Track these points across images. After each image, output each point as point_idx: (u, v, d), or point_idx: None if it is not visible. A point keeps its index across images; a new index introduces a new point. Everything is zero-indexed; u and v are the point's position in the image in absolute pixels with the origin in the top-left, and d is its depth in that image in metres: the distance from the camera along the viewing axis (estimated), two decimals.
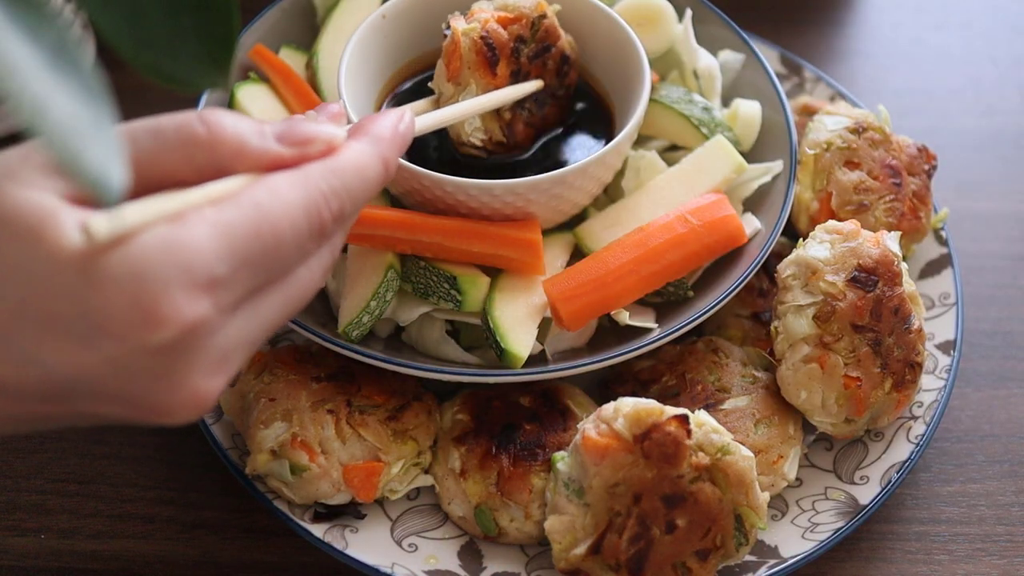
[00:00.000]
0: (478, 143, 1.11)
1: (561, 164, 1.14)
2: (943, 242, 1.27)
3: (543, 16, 1.12)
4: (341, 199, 0.76)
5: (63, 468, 1.16)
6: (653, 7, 1.24)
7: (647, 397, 1.03)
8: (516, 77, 1.11)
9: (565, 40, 1.15)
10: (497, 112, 1.11)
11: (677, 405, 1.05)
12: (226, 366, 0.71)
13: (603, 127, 1.19)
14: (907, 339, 1.10)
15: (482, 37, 1.07)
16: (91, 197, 0.61)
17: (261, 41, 1.24)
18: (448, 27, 1.09)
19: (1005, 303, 1.31)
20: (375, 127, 0.83)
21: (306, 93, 1.20)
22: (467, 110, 1.07)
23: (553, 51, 1.13)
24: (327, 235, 0.77)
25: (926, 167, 1.25)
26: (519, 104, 1.13)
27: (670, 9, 1.24)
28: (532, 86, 1.12)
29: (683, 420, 0.99)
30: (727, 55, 1.28)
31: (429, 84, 1.12)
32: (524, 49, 1.11)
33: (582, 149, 1.17)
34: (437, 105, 1.10)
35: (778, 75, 1.27)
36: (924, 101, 1.52)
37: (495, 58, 1.08)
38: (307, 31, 1.28)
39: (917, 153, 1.25)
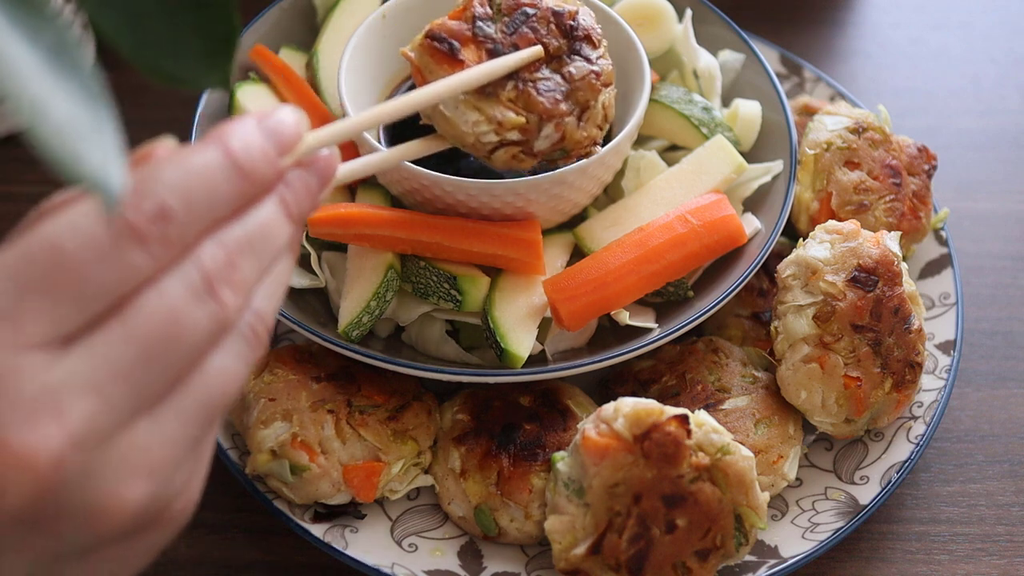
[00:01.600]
0: (494, 139, 0.98)
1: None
2: (943, 242, 1.27)
3: None
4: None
5: None
6: (653, 7, 1.24)
7: (647, 397, 1.02)
8: (496, 55, 0.99)
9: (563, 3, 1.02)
10: (495, 94, 0.98)
11: (677, 405, 1.05)
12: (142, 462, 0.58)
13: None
14: (907, 339, 1.10)
15: (428, 36, 0.99)
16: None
17: (261, 41, 1.24)
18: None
19: (1005, 303, 1.31)
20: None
21: (306, 93, 1.20)
22: (430, 93, 0.91)
23: (538, 13, 1.01)
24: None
25: (926, 167, 1.25)
26: (522, 80, 0.99)
27: (670, 9, 1.24)
28: (524, 54, 0.99)
29: (683, 420, 0.99)
30: (727, 55, 1.28)
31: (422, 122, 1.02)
32: (491, 27, 1.00)
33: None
34: (433, 143, 1.01)
35: (778, 75, 1.27)
36: (924, 101, 1.52)
37: (452, 47, 0.98)
38: (307, 31, 1.28)
39: (917, 153, 1.25)
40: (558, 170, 1.07)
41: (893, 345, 1.09)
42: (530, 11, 1.00)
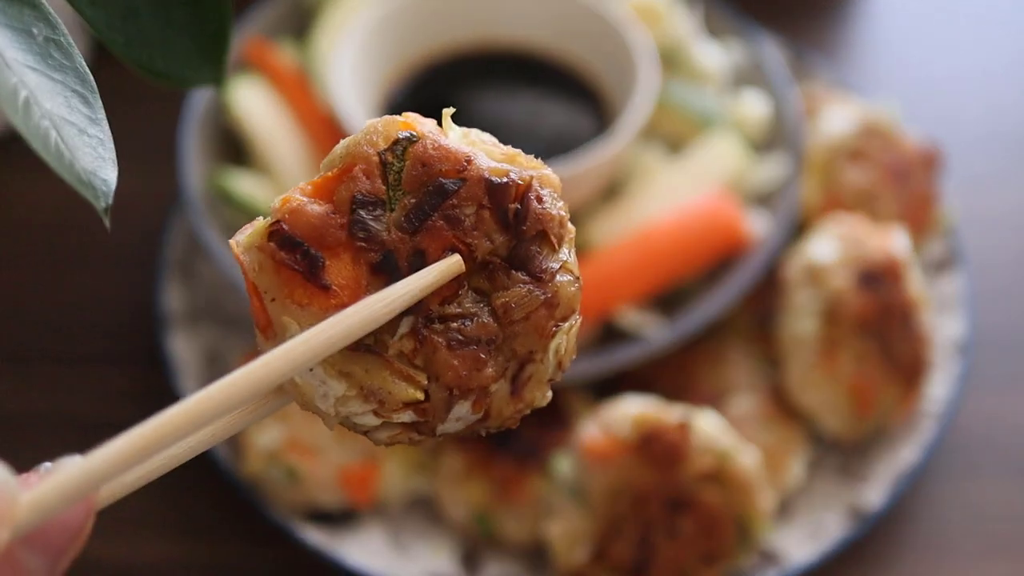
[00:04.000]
0: (372, 422, 0.58)
1: (562, 156, 1.13)
2: (952, 240, 1.25)
3: (408, 139, 0.59)
4: None
5: None
6: (659, 1, 1.23)
7: (649, 398, 1.02)
8: (389, 270, 0.57)
9: (489, 158, 0.60)
10: (379, 347, 0.57)
11: (680, 407, 1.04)
12: None
13: (606, 122, 1.17)
14: (915, 339, 1.09)
15: (272, 234, 0.56)
16: None
17: (256, 35, 1.23)
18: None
19: (1016, 301, 1.30)
20: None
21: (301, 88, 1.19)
22: (267, 371, 0.54)
23: (462, 189, 0.58)
24: None
25: (934, 164, 1.24)
26: (426, 318, 0.58)
27: (677, 2, 1.24)
28: (432, 276, 0.57)
29: (686, 423, 0.98)
30: (734, 48, 1.27)
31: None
32: (380, 220, 0.57)
33: (584, 143, 1.15)
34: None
35: (786, 68, 1.26)
36: (933, 94, 1.51)
37: (312, 262, 0.56)
38: (302, 25, 1.27)
39: (925, 150, 1.24)
40: (560, 165, 1.06)
41: (901, 346, 1.08)
42: (450, 185, 0.58)
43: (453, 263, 0.57)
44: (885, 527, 1.13)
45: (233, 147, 1.21)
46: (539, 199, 0.59)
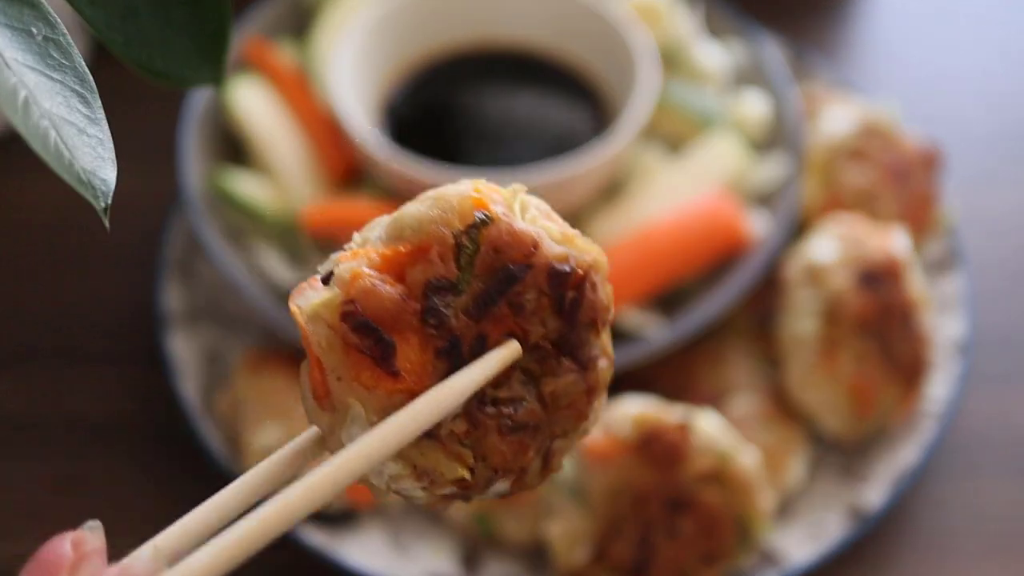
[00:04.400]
0: (418, 494, 0.60)
1: (561, 155, 1.13)
2: (952, 240, 1.25)
3: (482, 222, 0.58)
4: None
5: (52, 475, 1.14)
6: (659, 0, 1.23)
7: (649, 398, 1.01)
8: (453, 355, 0.58)
9: (552, 241, 0.60)
10: (435, 432, 0.58)
11: (680, 407, 1.04)
12: None
13: (606, 122, 1.17)
14: (916, 339, 1.09)
15: (345, 316, 0.56)
16: None
17: (256, 35, 1.23)
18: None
19: (1016, 301, 1.30)
20: None
21: (301, 88, 1.19)
22: (344, 472, 0.55)
23: (529, 275, 0.58)
24: None
25: (934, 164, 1.24)
26: (479, 401, 0.59)
27: (677, 2, 1.24)
28: (493, 364, 0.58)
29: (686, 423, 0.98)
30: (734, 48, 1.27)
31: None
32: (450, 306, 0.58)
33: (584, 143, 1.15)
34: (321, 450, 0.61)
35: (786, 68, 1.26)
36: (933, 94, 1.50)
37: (385, 345, 0.56)
38: (302, 25, 1.27)
39: (925, 150, 1.24)
40: (561, 164, 1.06)
41: (901, 345, 1.08)
42: (518, 272, 0.58)
43: (513, 351, 0.58)
44: (885, 527, 1.12)
45: (233, 147, 1.21)
46: (593, 287, 0.60)
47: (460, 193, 0.58)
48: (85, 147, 0.58)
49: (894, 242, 1.10)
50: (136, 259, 1.26)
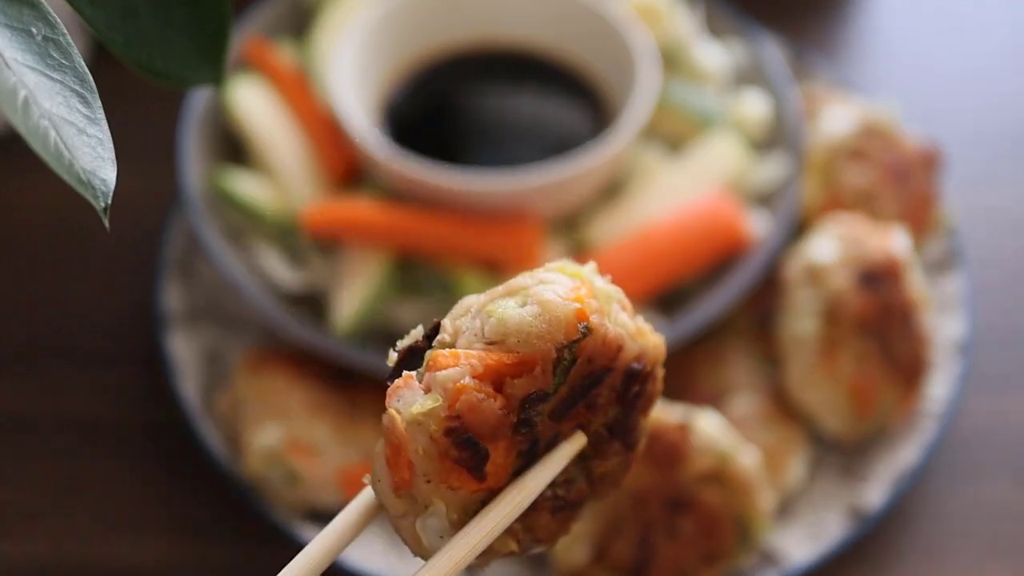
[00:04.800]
0: (473, 564, 0.62)
1: (561, 155, 1.13)
2: (952, 239, 1.25)
3: (583, 335, 0.59)
4: None
5: (53, 474, 1.14)
6: (659, 1, 1.23)
7: None
8: (531, 453, 0.60)
9: (631, 340, 0.61)
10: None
11: (680, 407, 1.04)
12: None
13: (606, 122, 1.17)
14: (916, 339, 1.09)
15: (449, 431, 0.57)
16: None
17: (256, 35, 1.23)
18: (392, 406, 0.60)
19: (1016, 301, 1.30)
20: None
21: (301, 88, 1.19)
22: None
23: (609, 378, 0.61)
24: None
25: (934, 164, 1.24)
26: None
27: (677, 2, 1.24)
28: (565, 458, 0.62)
29: (686, 423, 0.98)
30: (734, 48, 1.27)
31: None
32: (544, 407, 0.59)
33: (584, 143, 1.15)
34: (369, 518, 0.63)
35: (786, 68, 1.26)
36: (933, 93, 1.50)
37: (479, 455, 0.58)
38: (302, 25, 1.27)
39: (925, 150, 1.24)
40: (562, 164, 1.06)
41: (901, 345, 1.08)
42: (602, 377, 0.60)
43: (580, 443, 0.62)
44: (885, 527, 1.12)
45: (232, 147, 1.21)
46: (654, 380, 0.63)
47: (566, 305, 0.58)
48: (85, 147, 0.58)
49: (894, 242, 1.10)
50: (136, 259, 1.26)
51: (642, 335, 0.62)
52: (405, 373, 0.58)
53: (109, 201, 0.59)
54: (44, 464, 1.15)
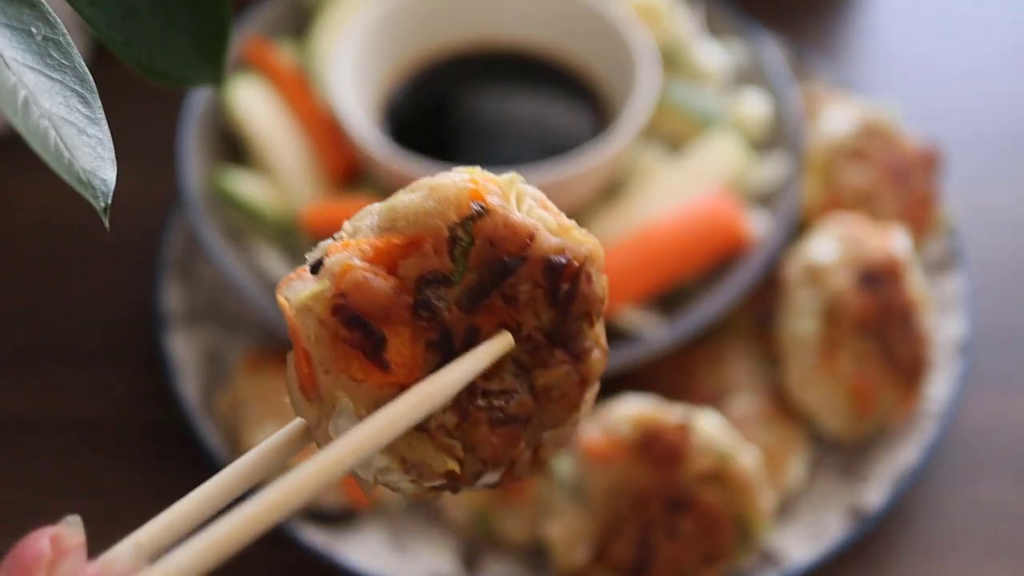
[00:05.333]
0: (406, 487, 0.58)
1: (561, 155, 1.13)
2: (952, 239, 1.25)
3: (478, 214, 0.56)
4: None
5: (53, 474, 1.14)
6: (659, 0, 1.23)
7: (649, 398, 1.01)
8: (444, 347, 0.56)
9: (548, 232, 0.58)
10: (424, 425, 0.56)
11: (680, 407, 1.04)
12: None
13: (606, 122, 1.17)
14: (916, 339, 1.09)
15: (336, 309, 0.55)
16: None
17: (255, 35, 1.23)
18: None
19: (1017, 300, 1.30)
20: None
21: (301, 88, 1.19)
22: (332, 467, 0.52)
23: (523, 268, 0.57)
24: None
25: (934, 164, 1.24)
26: (469, 393, 0.57)
27: (677, 2, 1.23)
28: (484, 357, 0.57)
29: (685, 423, 0.98)
30: (734, 48, 1.27)
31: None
32: (443, 298, 0.56)
33: (584, 143, 1.15)
34: (297, 444, 0.58)
35: (786, 68, 1.26)
36: (933, 93, 1.50)
37: (375, 339, 0.55)
38: (302, 25, 1.27)
39: (925, 150, 1.23)
40: (562, 164, 1.06)
41: (902, 345, 1.08)
42: (512, 264, 0.57)
43: (506, 343, 0.57)
44: (886, 527, 1.12)
45: (232, 147, 1.21)
46: (588, 279, 0.59)
47: (456, 184, 0.57)
48: (85, 147, 0.58)
49: (894, 242, 1.10)
50: (136, 259, 1.26)
51: (567, 231, 0.59)
52: (298, 267, 0.56)
53: (109, 201, 0.58)
54: (44, 464, 1.15)
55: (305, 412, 0.56)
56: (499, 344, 0.57)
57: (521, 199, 0.59)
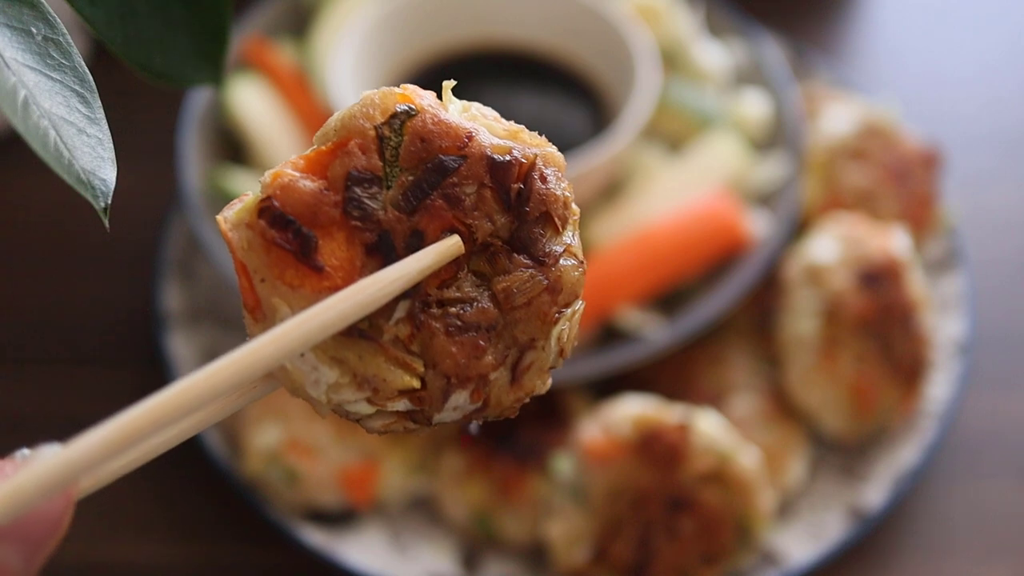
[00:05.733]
0: (366, 410, 0.55)
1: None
2: (953, 239, 1.25)
3: (405, 113, 0.55)
4: None
5: None
6: (660, 0, 1.23)
7: (649, 398, 1.01)
8: (385, 251, 0.54)
9: (492, 135, 0.57)
10: (374, 333, 0.54)
11: (680, 407, 1.04)
12: None
13: (606, 122, 1.17)
14: (916, 339, 1.09)
15: (262, 211, 0.53)
16: None
17: (255, 34, 1.23)
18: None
19: (1017, 300, 1.30)
20: None
21: (300, 87, 1.19)
22: (256, 357, 0.51)
23: (463, 167, 0.55)
24: None
25: (934, 163, 1.24)
26: (423, 303, 0.55)
27: (677, 2, 1.23)
28: (428, 258, 0.54)
29: (686, 423, 0.98)
30: (734, 48, 1.27)
31: None
32: (377, 198, 0.54)
33: (584, 143, 1.15)
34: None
35: (786, 67, 1.26)
36: (933, 93, 1.50)
37: (304, 242, 0.53)
38: (302, 24, 1.27)
39: (925, 149, 1.23)
40: None
41: (902, 346, 1.08)
42: (450, 162, 0.55)
43: (452, 244, 0.55)
44: (886, 527, 1.12)
45: (232, 146, 1.21)
46: (543, 178, 0.57)
47: (383, 90, 0.55)
48: (85, 147, 0.58)
49: (894, 242, 1.10)
50: (136, 259, 1.26)
51: (516, 135, 0.57)
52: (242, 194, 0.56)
53: (109, 201, 0.58)
54: None
55: (252, 332, 0.55)
56: (445, 246, 0.55)
57: (467, 109, 0.57)
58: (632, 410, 0.99)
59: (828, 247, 1.09)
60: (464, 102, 0.58)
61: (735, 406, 1.10)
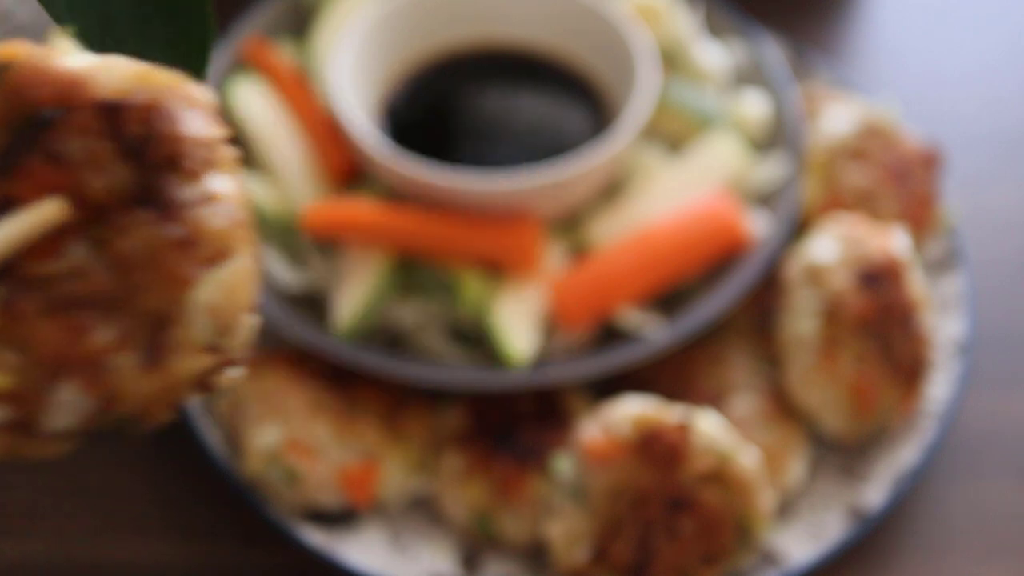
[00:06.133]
0: None
1: (562, 155, 1.13)
2: (953, 239, 1.25)
3: (2, 69, 0.47)
4: None
5: (53, 474, 1.14)
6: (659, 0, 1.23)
7: (649, 398, 1.01)
8: None
9: (110, 79, 0.49)
10: None
11: (680, 407, 1.04)
12: None
13: (606, 122, 1.17)
14: (916, 339, 1.09)
15: None
16: None
17: (255, 34, 1.23)
18: None
19: (1018, 300, 1.29)
20: None
21: (301, 87, 1.19)
22: None
23: (69, 119, 0.47)
24: None
25: (935, 164, 1.24)
26: (20, 285, 0.46)
27: (678, 1, 1.23)
28: (16, 225, 0.45)
29: (686, 423, 0.98)
30: (734, 48, 1.26)
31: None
32: None
33: (584, 143, 1.15)
34: None
35: (786, 67, 1.26)
36: (934, 93, 1.50)
37: None
38: (302, 24, 1.26)
39: (926, 149, 1.23)
40: (562, 165, 1.06)
41: (902, 346, 1.08)
42: (49, 114, 0.47)
43: (47, 209, 0.45)
44: (886, 527, 1.12)
45: (231, 146, 1.20)
46: (170, 117, 0.49)
47: None
48: None
49: (894, 242, 1.10)
50: None
51: (143, 76, 0.49)
52: None
53: None
54: (44, 464, 1.15)
55: None
56: (38, 212, 0.45)
57: (83, 57, 0.49)
58: (632, 410, 0.99)
59: (828, 247, 1.09)
60: (89, 54, 0.49)
61: (735, 406, 1.09)
